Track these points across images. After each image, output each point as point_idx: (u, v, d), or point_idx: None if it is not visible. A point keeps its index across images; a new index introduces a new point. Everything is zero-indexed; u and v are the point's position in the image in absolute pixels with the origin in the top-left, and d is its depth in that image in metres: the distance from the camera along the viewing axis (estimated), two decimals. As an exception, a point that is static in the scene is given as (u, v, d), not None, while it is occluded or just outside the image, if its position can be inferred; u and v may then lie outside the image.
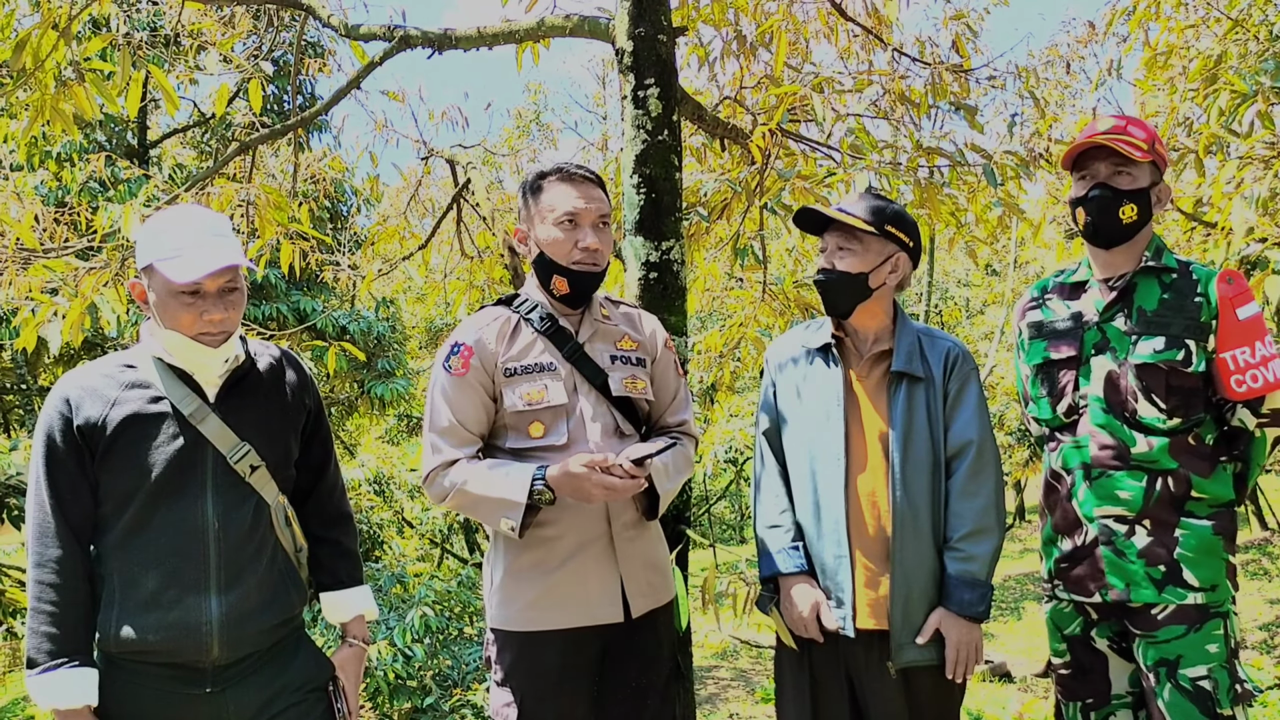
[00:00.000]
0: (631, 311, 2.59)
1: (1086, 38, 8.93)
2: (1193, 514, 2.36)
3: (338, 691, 2.20)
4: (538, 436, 2.33)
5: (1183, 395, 2.36)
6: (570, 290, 2.37)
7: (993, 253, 14.59)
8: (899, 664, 2.38)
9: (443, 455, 2.31)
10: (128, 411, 1.98)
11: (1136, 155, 2.36)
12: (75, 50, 3.75)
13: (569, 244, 2.33)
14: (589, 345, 2.42)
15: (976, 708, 6.24)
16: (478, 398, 2.33)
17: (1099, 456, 2.42)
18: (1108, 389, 2.42)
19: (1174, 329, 2.37)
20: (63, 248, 4.34)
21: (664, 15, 3.25)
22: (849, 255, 2.45)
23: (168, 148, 12.29)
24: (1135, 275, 2.45)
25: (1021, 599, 13.32)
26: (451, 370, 2.33)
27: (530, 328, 2.39)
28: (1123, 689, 2.51)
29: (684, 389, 2.62)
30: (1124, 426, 2.39)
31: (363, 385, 12.02)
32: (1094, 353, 2.45)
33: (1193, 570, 2.34)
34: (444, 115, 6.41)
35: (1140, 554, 2.37)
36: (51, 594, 1.93)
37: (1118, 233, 2.43)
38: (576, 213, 2.34)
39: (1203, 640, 2.33)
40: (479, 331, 2.36)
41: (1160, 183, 2.46)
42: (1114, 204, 2.41)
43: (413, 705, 6.44)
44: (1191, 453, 2.38)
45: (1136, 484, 2.38)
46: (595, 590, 2.33)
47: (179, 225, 1.98)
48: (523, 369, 2.34)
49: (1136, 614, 2.39)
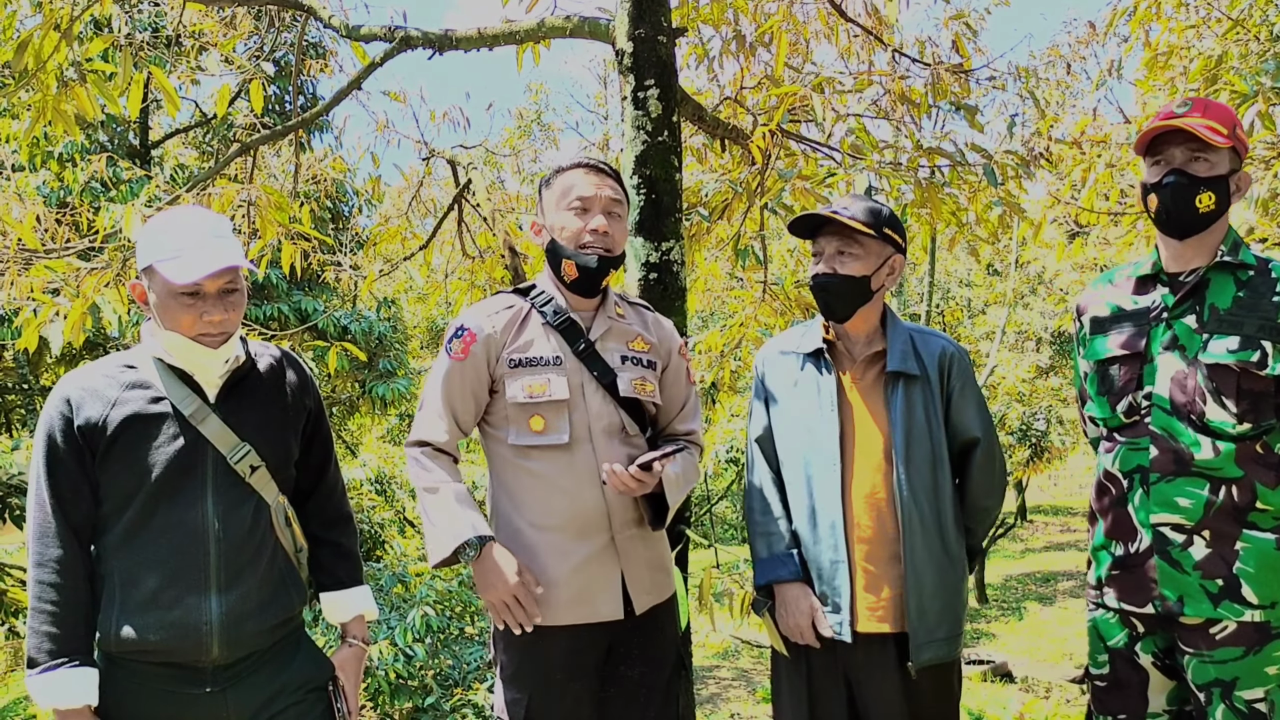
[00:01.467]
0: (647, 314, 2.58)
1: (1087, 38, 8.93)
2: (1256, 526, 2.21)
3: (338, 691, 2.20)
4: (539, 431, 2.32)
5: (1254, 399, 2.21)
6: (579, 275, 2.35)
7: (994, 252, 14.58)
8: (919, 664, 2.37)
9: (423, 433, 2.37)
10: (128, 412, 1.98)
11: (1217, 140, 2.21)
12: (77, 51, 3.76)
13: (579, 225, 2.33)
14: (600, 343, 2.40)
15: (978, 708, 6.25)
16: (469, 385, 2.35)
17: (1159, 460, 2.28)
18: (1174, 390, 2.27)
19: (1248, 329, 2.21)
20: (64, 248, 4.35)
21: (664, 16, 3.25)
22: (851, 259, 2.43)
23: (169, 148, 12.30)
24: (1209, 271, 2.29)
25: (1023, 599, 13.32)
26: (451, 353, 2.35)
27: (541, 320, 2.38)
28: (1160, 708, 2.38)
29: (694, 398, 2.61)
30: (1188, 430, 2.25)
31: (364, 385, 12.03)
32: (1161, 351, 2.31)
33: (1253, 586, 2.19)
34: (445, 116, 6.42)
35: (1197, 565, 2.23)
36: (52, 594, 1.93)
37: (1193, 222, 2.28)
38: (588, 198, 2.34)
39: (1262, 662, 2.20)
40: (487, 318, 2.37)
41: (1239, 170, 2.29)
42: (1190, 191, 2.25)
43: (414, 705, 6.44)
44: (1259, 461, 2.22)
45: (1198, 492, 2.24)
46: (597, 588, 2.34)
47: (179, 226, 1.98)
48: (527, 361, 2.34)
49: (1190, 631, 2.26)
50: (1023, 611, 12.47)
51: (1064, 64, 9.29)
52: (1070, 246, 6.12)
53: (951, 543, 2.44)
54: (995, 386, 14.64)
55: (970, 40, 4.58)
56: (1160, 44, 5.25)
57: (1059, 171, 5.25)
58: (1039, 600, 13.22)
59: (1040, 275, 16.53)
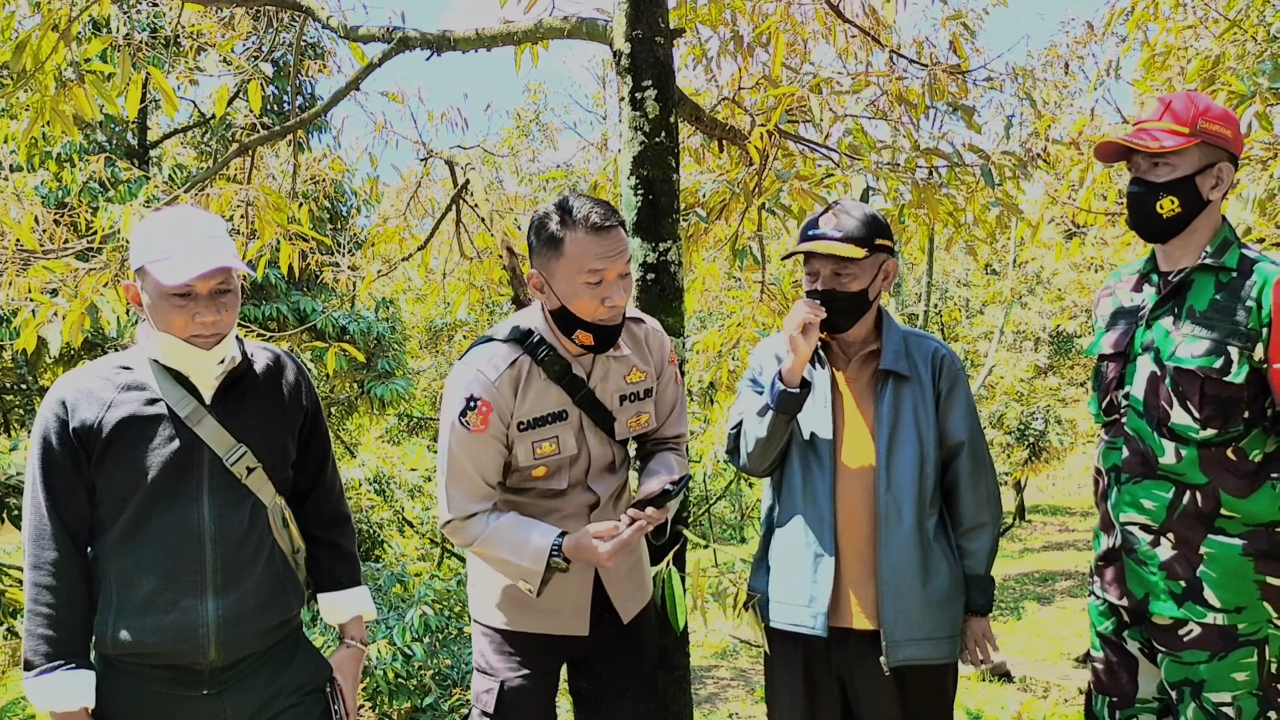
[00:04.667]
0: (637, 330, 2.47)
1: (1085, 38, 8.93)
2: (1224, 531, 2.21)
3: (335, 693, 2.20)
4: (539, 477, 2.34)
5: (1219, 405, 2.20)
6: (595, 342, 2.28)
7: (993, 252, 14.59)
8: (892, 662, 2.37)
9: (463, 508, 2.28)
10: (124, 413, 1.98)
11: (1152, 145, 2.22)
12: (75, 51, 3.76)
13: (594, 301, 2.19)
14: (599, 387, 2.36)
15: (976, 707, 6.25)
16: (495, 451, 2.29)
17: (1129, 461, 2.32)
18: (1148, 392, 2.29)
19: (1217, 333, 2.20)
20: (62, 249, 4.35)
21: (661, 17, 3.25)
22: (847, 279, 2.40)
23: (168, 148, 12.28)
24: (1192, 271, 2.28)
25: (1021, 599, 13.32)
26: (470, 427, 2.24)
27: (542, 373, 2.31)
28: (1150, 694, 2.41)
29: (681, 399, 2.60)
30: (1154, 434, 2.27)
31: (363, 385, 12.01)
32: (1140, 351, 2.32)
33: (1215, 590, 2.21)
34: (443, 116, 6.43)
35: (1162, 566, 2.26)
36: (48, 596, 1.93)
37: (1157, 228, 2.30)
38: (605, 271, 2.17)
39: (1229, 668, 2.22)
40: (494, 386, 2.25)
41: (1216, 165, 2.25)
42: (1149, 199, 2.27)
43: (412, 704, 6.46)
44: (1227, 468, 2.21)
45: (1162, 494, 2.26)
46: (567, 602, 2.38)
47: (171, 227, 1.98)
48: (535, 421, 2.29)
49: (1161, 630, 2.30)
50: (1021, 611, 12.47)
51: (1062, 64, 9.29)
52: (1068, 246, 6.12)
53: (937, 542, 2.43)
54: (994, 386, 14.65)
55: (968, 41, 4.59)
56: (1158, 44, 5.25)
57: (1057, 172, 5.25)
58: (1037, 600, 13.22)
59: (1038, 275, 16.55)
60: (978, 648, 2.49)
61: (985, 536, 2.48)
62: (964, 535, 2.48)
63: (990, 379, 14.26)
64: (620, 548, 2.15)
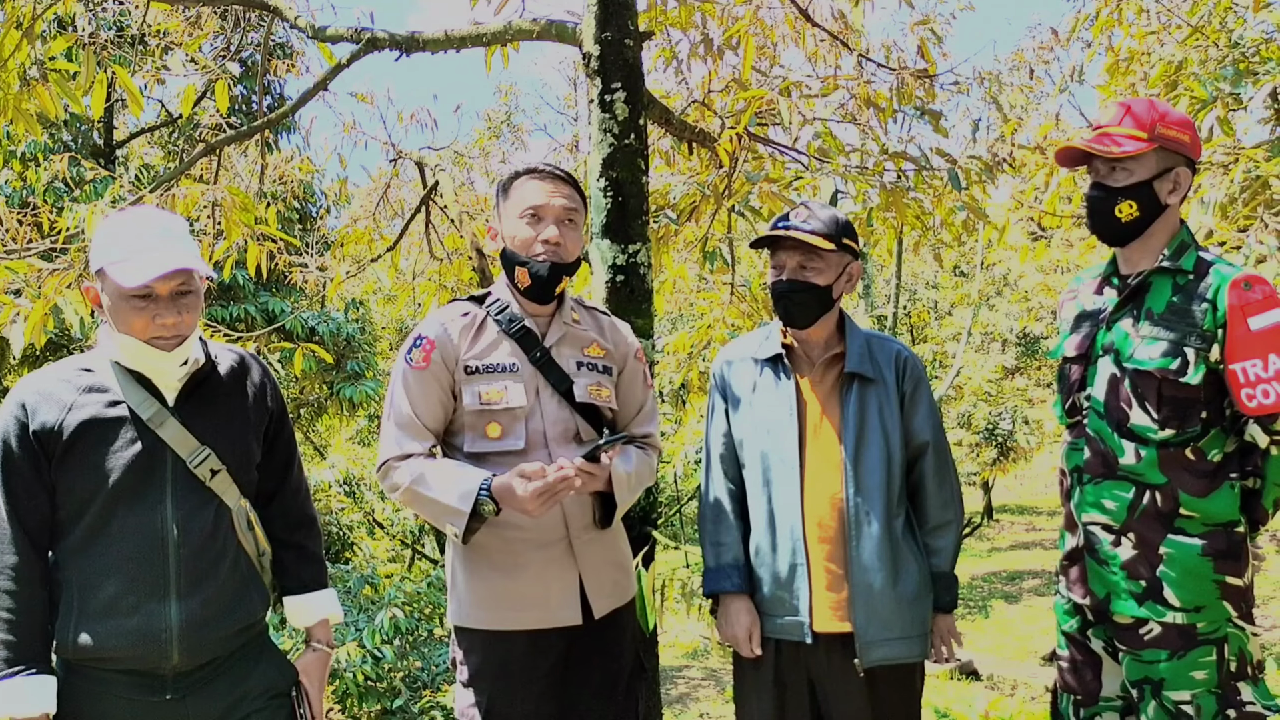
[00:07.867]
0: (603, 319, 2.58)
1: (1051, 43, 9.02)
2: (1183, 531, 2.25)
3: (301, 697, 2.19)
4: (495, 438, 2.33)
5: (1176, 406, 2.23)
6: (531, 283, 2.35)
7: (960, 255, 14.72)
8: (866, 663, 2.39)
9: (399, 448, 2.33)
10: (85, 416, 1.96)
11: (1113, 151, 2.25)
12: (39, 49, 3.72)
13: (532, 236, 2.33)
14: (556, 349, 2.41)
15: (944, 705, 6.30)
16: (436, 392, 2.34)
17: (1090, 462, 2.35)
18: (1108, 394, 2.33)
19: (1175, 335, 2.23)
20: (26, 249, 4.30)
21: (630, 20, 3.26)
22: (812, 272, 2.44)
23: (134, 148, 12.17)
24: (1150, 274, 2.32)
25: (989, 598, 13.44)
26: (413, 363, 2.34)
27: (497, 327, 2.39)
28: (1114, 692, 2.44)
29: (650, 402, 2.62)
30: (1114, 435, 2.31)
31: (332, 387, 11.94)
32: (1101, 354, 2.36)
33: (1175, 590, 2.25)
34: (413, 117, 6.42)
35: (1123, 565, 2.30)
36: (8, 601, 1.91)
37: (1116, 231, 2.34)
38: (540, 206, 2.33)
39: (1188, 667, 2.25)
40: (444, 326, 2.37)
41: (1173, 170, 2.28)
42: (1107, 203, 2.31)
43: (382, 707, 6.42)
44: (1186, 468, 2.25)
45: (1123, 495, 2.30)
46: (555, 592, 2.34)
47: (131, 228, 1.96)
48: (484, 368, 2.34)
49: (1122, 629, 2.33)
50: (989, 610, 12.59)
51: (1027, 69, 9.38)
52: (1034, 249, 6.19)
53: (905, 542, 2.46)
54: (961, 387, 14.77)
55: (935, 45, 4.62)
56: (1122, 50, 5.33)
57: (1023, 175, 5.31)
58: (1005, 599, 13.35)
59: (1005, 277, 16.71)
60: (944, 644, 2.52)
61: (950, 534, 2.53)
62: (930, 533, 2.52)
63: (958, 380, 14.38)
64: (545, 493, 2.12)
